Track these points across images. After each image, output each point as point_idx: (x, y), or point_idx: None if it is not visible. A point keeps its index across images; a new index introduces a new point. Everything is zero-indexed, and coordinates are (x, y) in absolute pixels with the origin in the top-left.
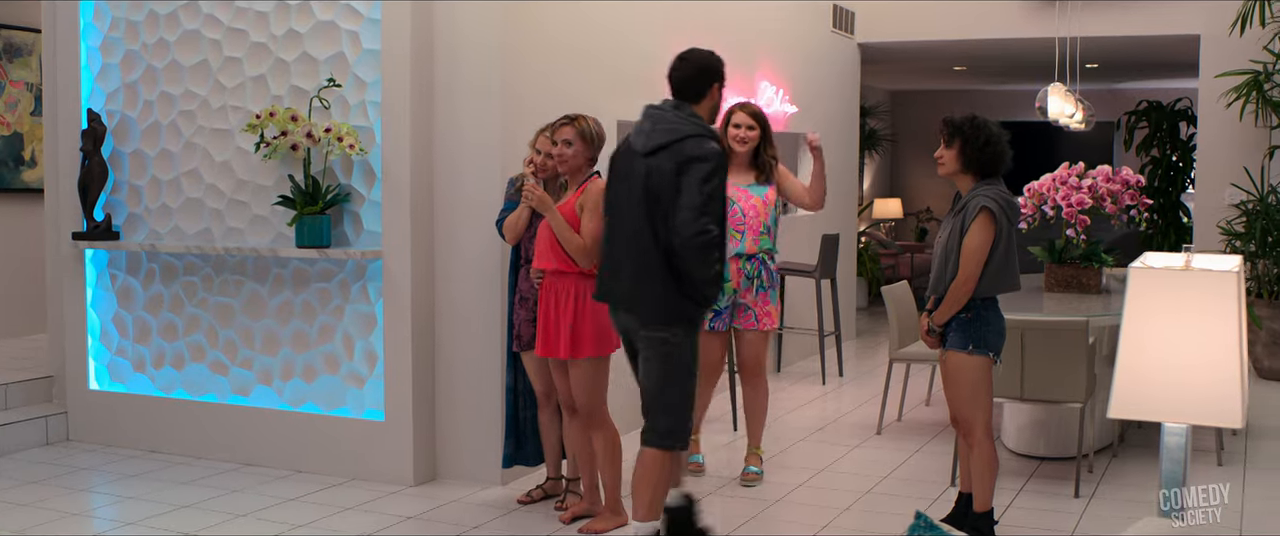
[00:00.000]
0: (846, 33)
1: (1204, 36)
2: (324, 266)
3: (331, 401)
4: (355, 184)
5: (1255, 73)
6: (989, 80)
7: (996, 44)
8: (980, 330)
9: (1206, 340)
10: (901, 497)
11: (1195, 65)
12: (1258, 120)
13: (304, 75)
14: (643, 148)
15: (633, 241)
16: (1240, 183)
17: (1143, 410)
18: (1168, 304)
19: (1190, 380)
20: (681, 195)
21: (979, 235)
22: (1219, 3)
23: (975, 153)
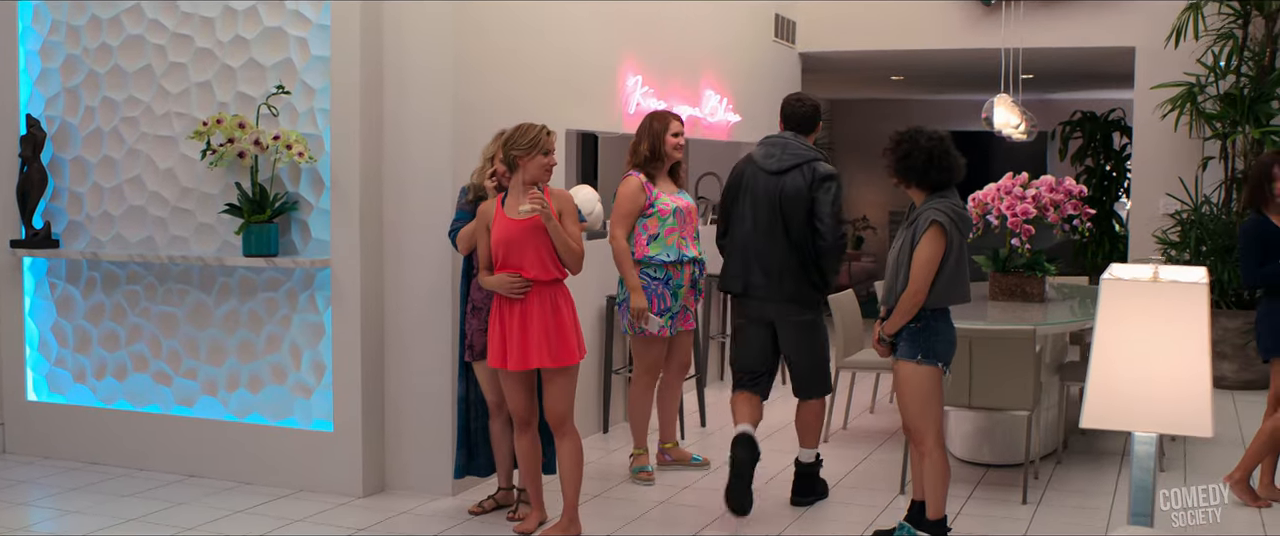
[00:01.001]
0: (788, 42)
1: (1139, 49)
2: (271, 275)
3: (278, 412)
4: (303, 192)
5: (1189, 85)
6: (926, 90)
7: (935, 54)
8: (929, 340)
9: (1176, 350)
10: (852, 505)
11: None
12: (1192, 132)
13: (251, 82)
14: (774, 168)
15: (769, 243)
16: (1175, 193)
17: (1114, 420)
18: (1138, 315)
19: (1160, 390)
20: (819, 206)
21: (929, 248)
22: (1154, 16)
23: (912, 169)
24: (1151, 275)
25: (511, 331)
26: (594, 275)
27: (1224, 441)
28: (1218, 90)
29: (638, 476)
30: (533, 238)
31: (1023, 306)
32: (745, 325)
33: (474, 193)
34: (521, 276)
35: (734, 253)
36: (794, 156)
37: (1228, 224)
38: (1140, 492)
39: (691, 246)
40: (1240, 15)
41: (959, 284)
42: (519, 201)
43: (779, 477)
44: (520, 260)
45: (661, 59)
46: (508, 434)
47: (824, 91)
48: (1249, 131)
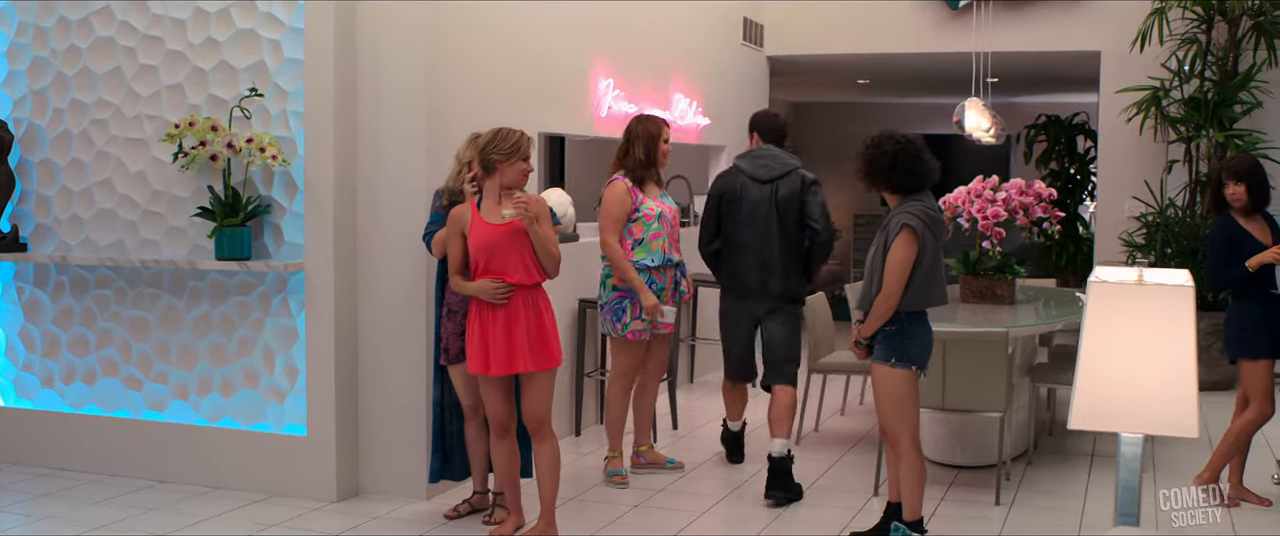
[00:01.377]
0: (756, 46)
1: (1104, 53)
2: (243, 279)
3: (251, 416)
4: (276, 195)
5: (1154, 89)
6: (892, 93)
7: (902, 58)
8: (903, 343)
9: (1163, 353)
10: (826, 507)
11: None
12: (1156, 135)
13: (222, 84)
14: (766, 176)
15: (770, 243)
16: (1139, 195)
17: (1102, 421)
18: (1126, 318)
19: (1147, 392)
20: (810, 208)
21: (901, 251)
22: (1119, 21)
23: (878, 173)
24: (1136, 278)
25: (495, 336)
26: (566, 279)
27: (1192, 442)
28: (1182, 94)
29: (612, 479)
30: (515, 242)
31: (993, 309)
32: (736, 318)
33: (448, 196)
34: (505, 281)
35: (742, 255)
36: (782, 165)
37: (1192, 226)
38: (1127, 493)
39: (676, 250)
40: (1203, 20)
41: (933, 286)
42: (496, 206)
43: (753, 479)
44: (503, 265)
45: (633, 62)
46: (483, 437)
47: (791, 95)
48: (1213, 135)
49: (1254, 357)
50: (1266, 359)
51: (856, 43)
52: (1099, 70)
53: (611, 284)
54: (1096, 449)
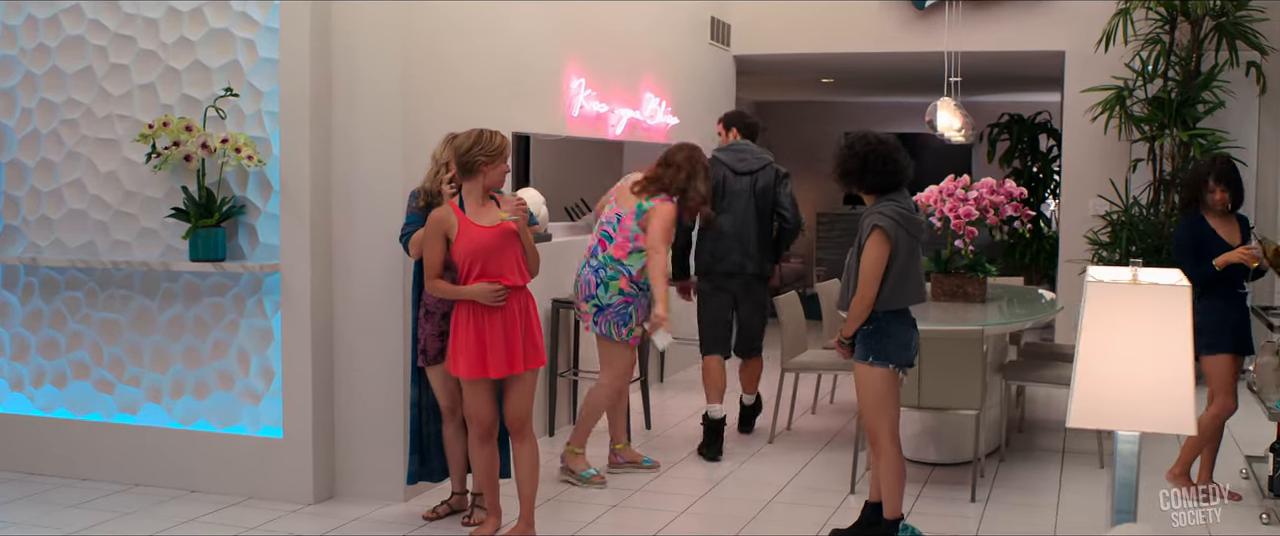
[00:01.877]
0: (723, 45)
1: (1069, 53)
2: (217, 280)
3: (226, 419)
4: (250, 195)
5: (1119, 88)
6: (855, 92)
7: (868, 57)
8: (880, 342)
9: (1160, 352)
10: (804, 505)
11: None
12: (1121, 134)
13: (196, 83)
14: (745, 169)
15: (748, 227)
16: (1103, 194)
17: (1100, 419)
18: (1123, 317)
19: (1145, 390)
20: (782, 197)
21: (872, 251)
22: (1083, 21)
23: (849, 174)
24: (1131, 277)
25: (493, 339)
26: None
27: (1157, 437)
28: (1146, 94)
29: (590, 480)
30: (508, 244)
31: (964, 307)
32: (714, 295)
33: (425, 197)
34: (502, 284)
35: (723, 239)
36: (759, 160)
37: (1157, 225)
38: (1124, 489)
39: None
40: (1167, 21)
41: (907, 285)
42: (481, 208)
43: (728, 479)
44: (499, 267)
45: (604, 62)
46: (461, 438)
47: (756, 94)
48: (1177, 134)
49: (1214, 353)
50: (1228, 354)
51: (823, 42)
52: (1062, 70)
53: (618, 287)
54: (1067, 446)
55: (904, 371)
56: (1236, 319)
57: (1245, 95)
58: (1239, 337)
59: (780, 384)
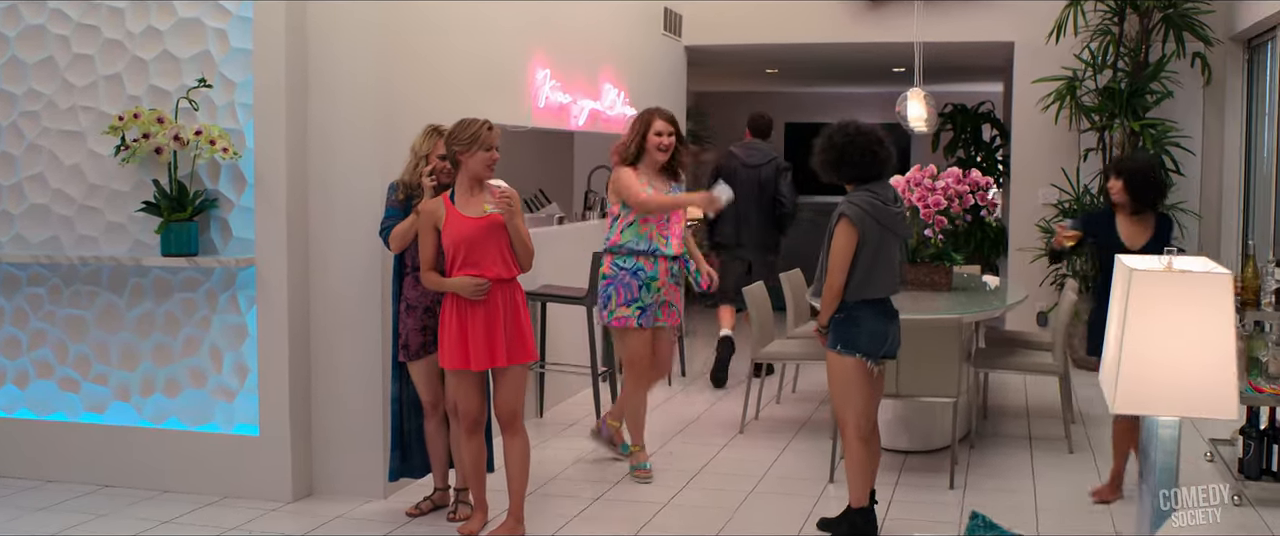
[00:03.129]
0: (675, 36)
1: (1018, 44)
2: (189, 275)
3: (198, 417)
4: (223, 189)
5: (1069, 78)
6: (797, 82)
7: (817, 48)
8: (849, 331)
9: (1205, 339)
10: (788, 495)
11: (998, 70)
12: (1071, 124)
13: (165, 74)
14: (754, 162)
15: (751, 210)
16: (1055, 183)
17: (1144, 405)
18: (1169, 305)
19: (1188, 376)
20: (782, 187)
21: (839, 241)
22: (1033, 12)
23: (827, 164)
24: (1166, 266)
25: (475, 331)
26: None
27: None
28: (1096, 84)
29: (635, 474)
30: (493, 236)
31: (932, 295)
32: (731, 262)
33: (404, 190)
34: (484, 277)
35: (724, 220)
36: (764, 155)
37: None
38: (1165, 474)
39: (666, 242)
40: (1116, 12)
41: (878, 276)
42: (470, 198)
43: (705, 471)
44: (480, 259)
45: (567, 54)
46: (442, 433)
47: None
48: (1128, 124)
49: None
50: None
51: (774, 33)
52: (1009, 60)
53: (602, 272)
54: (1032, 432)
55: (876, 363)
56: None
57: (1192, 86)
58: None
59: (750, 377)
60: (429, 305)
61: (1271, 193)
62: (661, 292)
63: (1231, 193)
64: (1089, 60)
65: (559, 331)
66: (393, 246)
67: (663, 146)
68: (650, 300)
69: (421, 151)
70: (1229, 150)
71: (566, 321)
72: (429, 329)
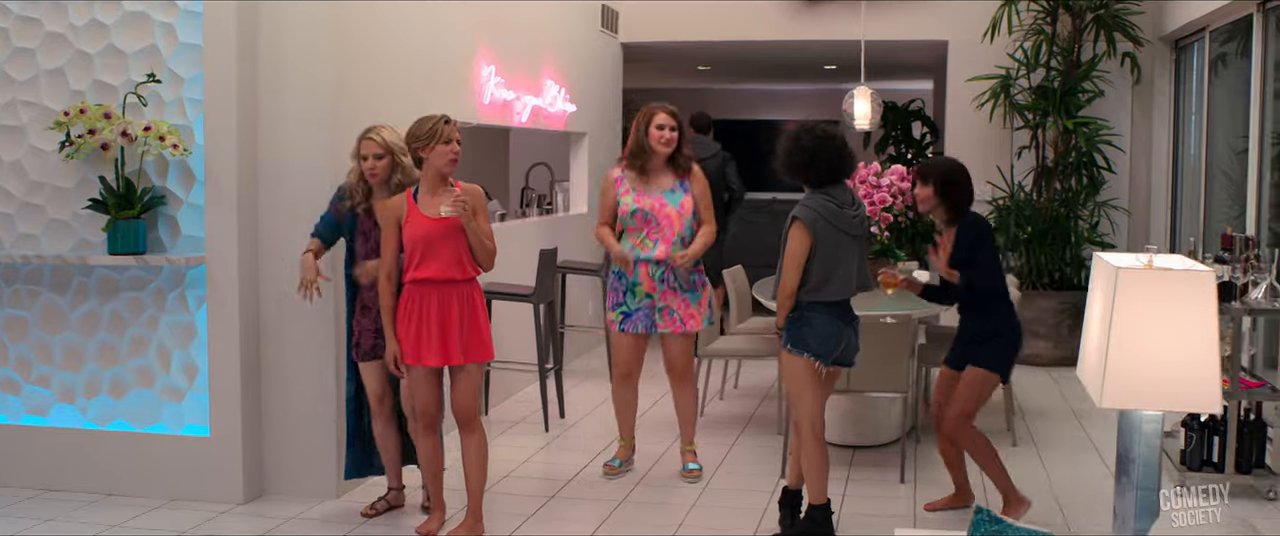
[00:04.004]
0: (612, 32)
1: (952, 42)
2: (135, 274)
3: (145, 418)
4: (170, 185)
5: (1004, 77)
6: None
7: (753, 46)
8: (800, 331)
9: (1189, 334)
10: (742, 491)
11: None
12: (1005, 122)
13: (110, 69)
14: (702, 157)
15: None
16: (989, 181)
17: (1131, 400)
18: (1154, 302)
19: (1173, 371)
20: (730, 177)
21: (791, 244)
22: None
23: (786, 169)
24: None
25: (429, 328)
26: None
27: (1057, 415)
28: (1029, 83)
29: (604, 468)
30: (450, 237)
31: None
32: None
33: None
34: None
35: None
36: (709, 149)
37: (1041, 210)
38: (1147, 469)
39: (652, 247)
40: (1049, 13)
41: (833, 278)
42: (432, 196)
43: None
44: (441, 258)
45: (510, 50)
46: (391, 432)
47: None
48: (1063, 122)
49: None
50: (947, 366)
51: (710, 30)
52: (941, 59)
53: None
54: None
55: (826, 365)
56: (968, 331)
57: (1122, 85)
58: (958, 349)
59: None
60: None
61: (1200, 189)
62: (654, 298)
63: (1160, 189)
64: (1023, 59)
65: (502, 330)
66: (361, 278)
67: (665, 141)
68: (635, 305)
69: (356, 154)
70: (1157, 148)
71: (511, 319)
72: (381, 330)
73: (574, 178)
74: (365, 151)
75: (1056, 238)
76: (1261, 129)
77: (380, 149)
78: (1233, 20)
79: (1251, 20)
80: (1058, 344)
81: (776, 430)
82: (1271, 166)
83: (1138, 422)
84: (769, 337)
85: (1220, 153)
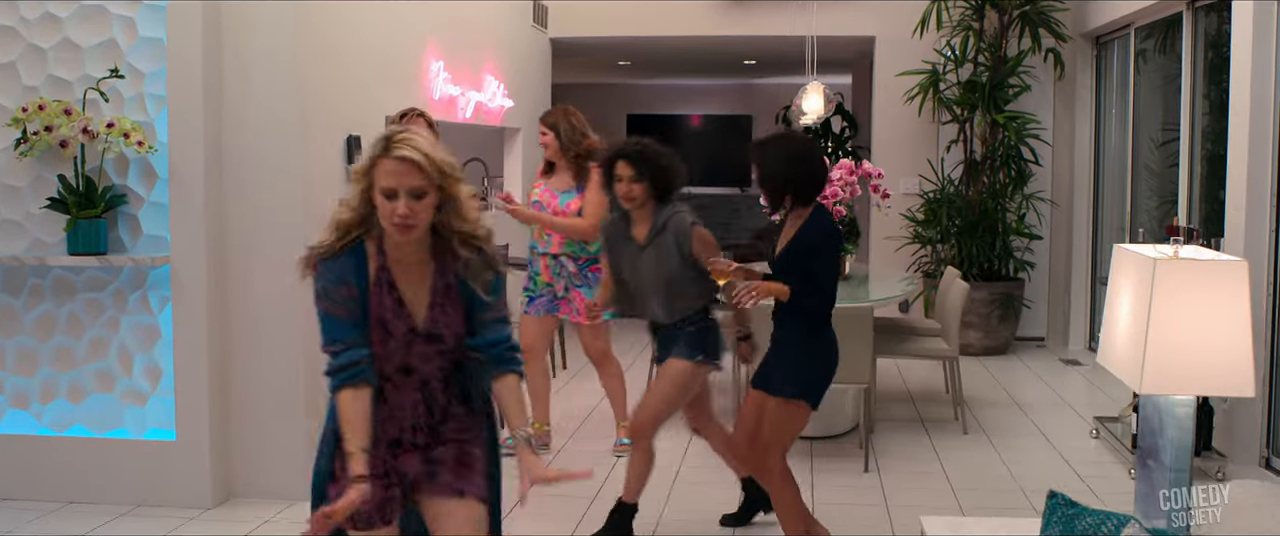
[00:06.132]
0: (542, 27)
1: (879, 38)
2: (94, 274)
3: (105, 423)
4: (132, 184)
5: (932, 72)
6: (646, 76)
7: (677, 41)
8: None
9: (1226, 321)
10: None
11: (846, 63)
12: (934, 116)
13: (65, 63)
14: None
15: None
16: (920, 175)
17: (1170, 385)
18: (1192, 291)
19: (1211, 357)
20: None
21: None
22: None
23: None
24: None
25: None
26: None
27: (1001, 402)
28: (957, 78)
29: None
30: None
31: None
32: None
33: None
34: None
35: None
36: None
37: (971, 202)
38: (1181, 451)
39: (551, 242)
40: (976, 9)
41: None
42: None
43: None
44: None
45: (455, 45)
46: None
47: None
48: (992, 116)
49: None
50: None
51: (640, 26)
52: (864, 54)
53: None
54: (923, 415)
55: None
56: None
57: (1047, 80)
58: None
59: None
60: None
61: (1126, 182)
62: (552, 286)
63: (1083, 181)
64: (950, 55)
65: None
66: None
67: (544, 144)
68: (537, 292)
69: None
70: (1080, 141)
71: None
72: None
73: (508, 173)
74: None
75: (985, 230)
76: (1192, 123)
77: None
78: (1158, 18)
79: (1180, 17)
80: (988, 333)
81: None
82: (1201, 160)
83: (1170, 407)
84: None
85: (1143, 146)
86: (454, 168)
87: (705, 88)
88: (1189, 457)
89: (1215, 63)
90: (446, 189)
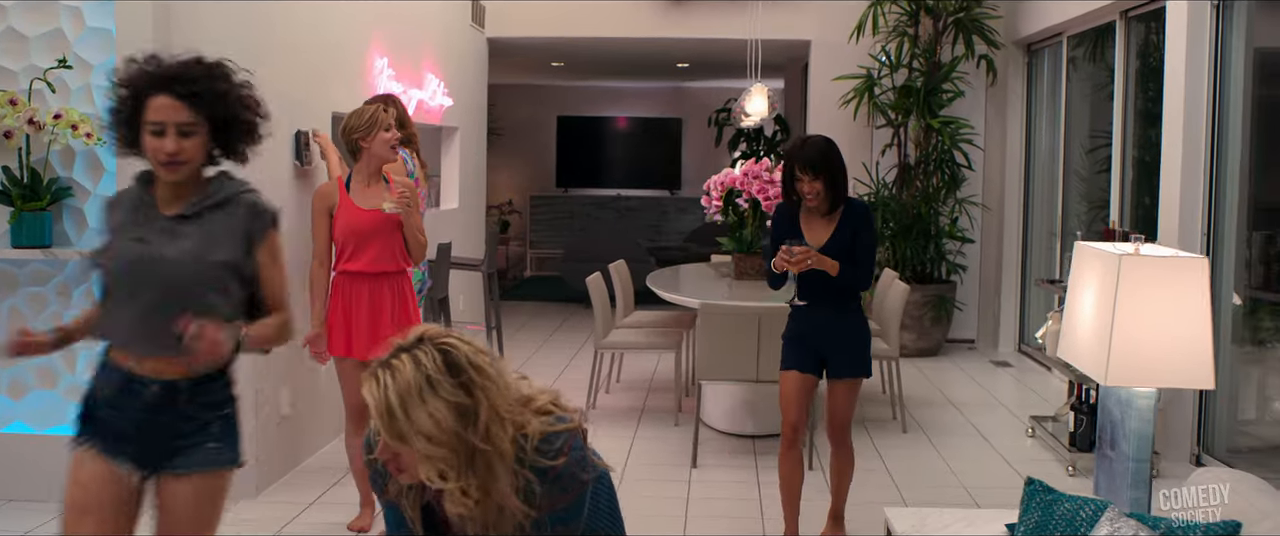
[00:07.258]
0: (479, 27)
1: (815, 42)
2: (38, 268)
3: (47, 419)
4: (77, 176)
5: (867, 76)
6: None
7: (612, 42)
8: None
9: (1187, 315)
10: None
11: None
12: (869, 120)
13: (9, 53)
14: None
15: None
16: (855, 178)
17: (1136, 378)
18: (1155, 286)
19: (1170, 351)
20: None
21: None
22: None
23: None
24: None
25: (359, 321)
26: None
27: (937, 402)
28: (893, 83)
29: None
30: (384, 231)
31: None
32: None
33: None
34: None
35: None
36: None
37: (905, 205)
38: (1142, 442)
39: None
40: (911, 15)
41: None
42: (367, 188)
43: None
44: (367, 251)
45: (398, 42)
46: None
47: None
48: (928, 120)
49: (782, 368)
50: (788, 370)
51: (576, 27)
52: (798, 58)
53: None
54: (862, 414)
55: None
56: (799, 331)
57: (979, 86)
58: (802, 353)
59: (596, 362)
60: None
61: (1057, 186)
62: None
63: (1014, 185)
64: (886, 60)
65: None
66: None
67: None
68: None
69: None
70: (1011, 146)
71: None
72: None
73: (446, 173)
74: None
75: (919, 233)
76: (1124, 128)
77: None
78: (1090, 26)
79: (1113, 26)
80: (921, 335)
81: (673, 421)
82: (1132, 164)
83: (1131, 399)
84: (665, 330)
85: (1074, 152)
86: None
87: (637, 90)
88: (1150, 448)
89: (1146, 71)
90: None
